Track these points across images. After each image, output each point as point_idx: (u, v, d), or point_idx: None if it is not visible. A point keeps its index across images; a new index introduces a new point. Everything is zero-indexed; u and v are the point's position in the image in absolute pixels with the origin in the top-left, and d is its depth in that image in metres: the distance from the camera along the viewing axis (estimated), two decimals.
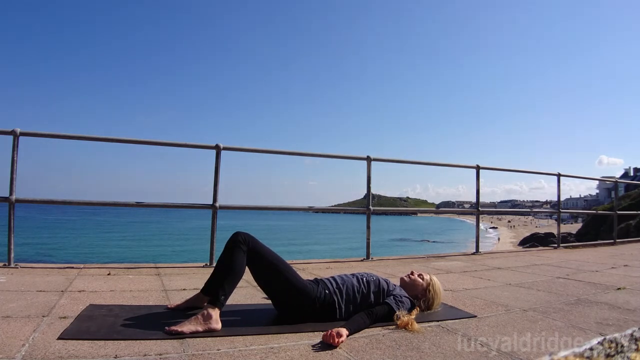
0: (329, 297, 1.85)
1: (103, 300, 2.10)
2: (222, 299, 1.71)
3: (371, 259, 4.15)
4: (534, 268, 3.75)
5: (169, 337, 1.54)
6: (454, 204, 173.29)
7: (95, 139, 3.50)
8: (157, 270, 3.15)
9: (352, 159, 4.39)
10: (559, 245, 5.81)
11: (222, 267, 1.80)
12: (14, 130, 3.04)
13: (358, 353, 1.47)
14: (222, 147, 3.54)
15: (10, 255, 3.00)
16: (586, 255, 4.93)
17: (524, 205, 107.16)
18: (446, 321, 1.89)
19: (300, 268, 3.30)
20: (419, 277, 2.08)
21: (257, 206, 4.23)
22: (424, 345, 1.57)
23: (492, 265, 3.89)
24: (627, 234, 12.78)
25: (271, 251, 1.90)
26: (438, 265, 3.90)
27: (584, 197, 77.64)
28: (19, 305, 1.91)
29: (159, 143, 3.63)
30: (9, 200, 3.04)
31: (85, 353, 1.36)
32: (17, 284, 2.40)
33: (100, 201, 3.51)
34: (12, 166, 3.05)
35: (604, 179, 9.53)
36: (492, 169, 5.48)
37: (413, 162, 5.33)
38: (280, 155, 4.27)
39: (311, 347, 1.51)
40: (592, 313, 2.09)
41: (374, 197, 4.41)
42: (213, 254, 3.46)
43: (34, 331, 1.55)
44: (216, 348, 1.47)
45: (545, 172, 6.15)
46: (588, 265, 3.98)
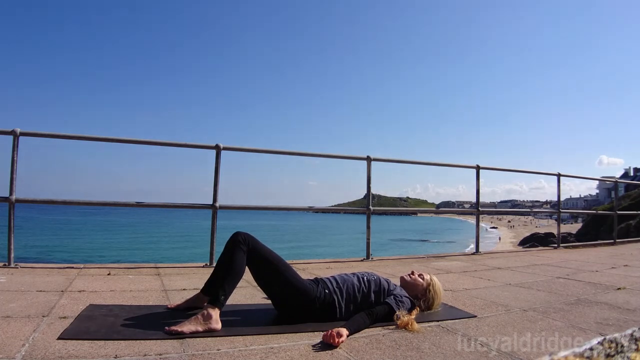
0: (329, 296, 1.85)
1: (103, 300, 2.10)
2: (222, 299, 1.71)
3: (371, 259, 4.15)
4: (534, 268, 3.75)
5: (169, 337, 1.54)
6: (454, 204, 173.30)
7: (95, 139, 3.49)
8: (157, 270, 3.15)
9: (352, 159, 4.39)
10: (559, 245, 5.81)
11: (222, 267, 1.80)
12: (14, 130, 3.04)
13: (358, 353, 1.47)
14: (222, 147, 3.54)
15: (10, 255, 3.00)
16: (586, 255, 4.93)
17: (524, 205, 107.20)
18: (446, 321, 1.89)
19: (300, 268, 3.30)
20: (419, 277, 2.08)
21: (257, 206, 4.23)
22: (424, 345, 1.57)
23: (492, 265, 3.89)
24: (627, 234, 12.78)
25: (271, 251, 1.90)
26: (438, 265, 3.90)
27: (584, 197, 77.64)
28: (19, 305, 1.91)
29: (159, 143, 3.63)
30: (9, 200, 3.04)
31: (85, 353, 1.36)
32: (17, 284, 2.40)
33: (100, 201, 3.51)
34: (12, 166, 3.05)
35: (604, 179, 9.55)
36: (492, 169, 5.48)
37: (413, 162, 5.34)
38: (280, 155, 4.27)
39: (311, 347, 1.51)
40: (592, 313, 2.09)
41: (374, 197, 4.41)
42: (213, 254, 3.46)
43: (34, 331, 1.55)
44: (216, 348, 1.47)
45: (545, 172, 6.15)
46: (588, 265, 3.98)
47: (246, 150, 3.81)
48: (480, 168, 5.03)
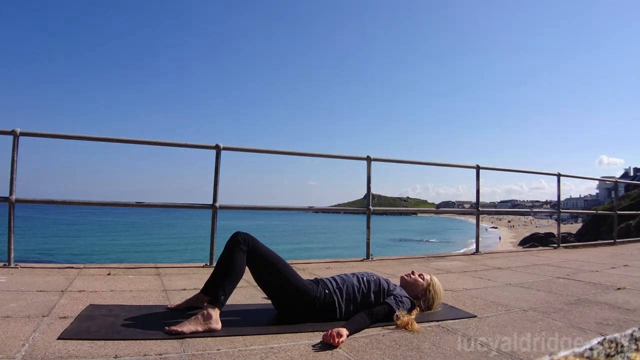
0: (328, 296, 1.85)
1: (103, 300, 2.10)
2: (222, 299, 1.71)
3: (371, 259, 4.15)
4: (534, 268, 3.75)
5: (169, 337, 1.54)
6: (454, 204, 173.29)
7: (95, 139, 3.49)
8: (157, 270, 3.15)
9: (352, 159, 4.39)
10: (559, 245, 5.80)
11: (222, 267, 1.80)
12: (14, 130, 3.04)
13: (358, 353, 1.47)
14: (222, 147, 3.54)
15: (10, 255, 3.00)
16: (586, 255, 4.93)
17: (524, 205, 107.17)
18: (446, 321, 1.89)
19: (300, 268, 3.30)
20: (420, 277, 2.08)
21: (257, 206, 4.23)
22: (424, 345, 1.57)
23: (492, 265, 3.89)
24: (627, 234, 12.78)
25: (271, 251, 1.90)
26: (438, 265, 3.90)
27: (584, 197, 77.61)
28: (19, 305, 1.91)
29: (159, 143, 3.63)
30: (9, 200, 3.04)
31: (85, 353, 1.36)
32: (17, 284, 2.40)
33: (100, 201, 3.51)
34: (12, 166, 3.05)
35: (604, 179, 9.55)
36: (492, 169, 5.48)
37: (413, 162, 5.34)
38: (280, 155, 4.27)
39: (311, 347, 1.51)
40: (592, 313, 2.09)
41: (374, 197, 4.41)
42: (213, 254, 3.46)
43: (34, 331, 1.55)
44: (216, 348, 1.47)
45: (545, 172, 6.15)
46: (588, 265, 3.98)
47: (246, 150, 3.81)
48: (480, 168, 5.03)
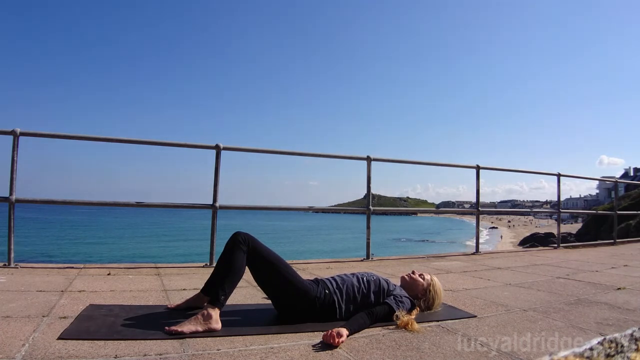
0: (329, 297, 1.85)
1: (103, 300, 2.10)
2: (222, 299, 1.71)
3: (371, 259, 4.15)
4: (534, 268, 3.75)
5: (169, 337, 1.54)
6: (454, 204, 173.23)
7: (95, 139, 3.49)
8: (157, 270, 3.15)
9: (352, 159, 4.39)
10: (559, 245, 5.81)
11: (222, 267, 1.80)
12: (14, 130, 3.04)
13: (358, 353, 1.47)
14: (222, 147, 3.54)
15: (10, 255, 3.00)
16: (586, 255, 4.93)
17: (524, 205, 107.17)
18: (446, 321, 1.89)
19: (300, 268, 3.30)
20: (420, 277, 2.08)
21: (257, 206, 4.23)
22: (424, 345, 1.57)
23: (492, 265, 3.89)
24: (627, 234, 12.78)
25: (271, 251, 1.90)
26: (438, 265, 3.90)
27: (584, 197, 77.57)
28: (19, 305, 1.91)
29: (159, 143, 3.63)
30: (9, 200, 3.04)
31: (85, 353, 1.36)
32: (17, 284, 2.40)
33: (100, 201, 3.51)
34: (12, 166, 3.05)
35: (604, 179, 9.55)
36: (492, 169, 5.48)
37: (413, 162, 5.33)
38: (280, 155, 4.27)
39: (311, 347, 1.51)
40: (592, 313, 2.09)
41: (374, 197, 4.41)
42: (213, 254, 3.46)
43: (34, 331, 1.55)
44: (216, 348, 1.47)
45: (545, 172, 6.15)
46: (588, 265, 3.98)
47: (246, 150, 3.80)
48: (480, 168, 5.03)
